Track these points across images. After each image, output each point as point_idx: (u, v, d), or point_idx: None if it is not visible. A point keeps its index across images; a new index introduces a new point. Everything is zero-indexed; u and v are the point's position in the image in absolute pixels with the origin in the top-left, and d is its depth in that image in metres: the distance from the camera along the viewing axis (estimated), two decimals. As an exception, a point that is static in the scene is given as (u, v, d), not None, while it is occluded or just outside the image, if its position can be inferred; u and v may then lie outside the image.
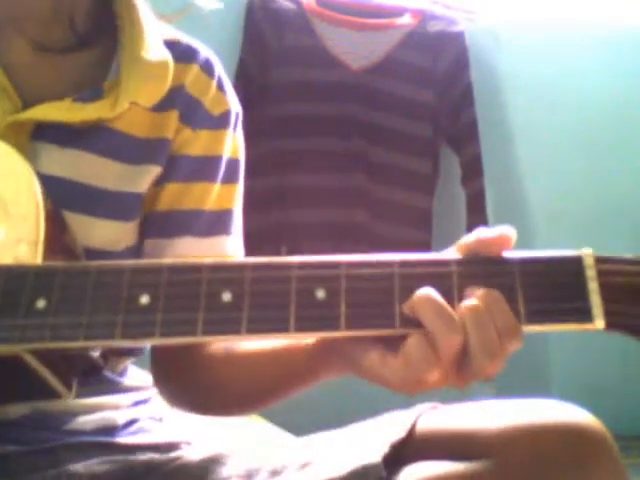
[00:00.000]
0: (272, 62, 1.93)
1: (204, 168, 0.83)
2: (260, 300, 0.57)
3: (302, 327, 0.56)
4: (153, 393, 0.87)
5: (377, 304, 0.57)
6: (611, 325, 0.55)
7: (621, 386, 1.58)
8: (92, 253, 0.74)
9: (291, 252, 1.84)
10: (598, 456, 0.61)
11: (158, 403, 0.88)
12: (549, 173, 2.08)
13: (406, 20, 1.99)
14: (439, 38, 1.98)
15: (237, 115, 0.87)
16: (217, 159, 0.85)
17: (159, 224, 0.82)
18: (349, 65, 1.95)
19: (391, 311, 0.56)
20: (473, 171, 1.95)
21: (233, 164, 0.86)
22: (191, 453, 0.79)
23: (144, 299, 0.57)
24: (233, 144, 0.86)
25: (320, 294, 0.57)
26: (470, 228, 1.93)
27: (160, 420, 0.87)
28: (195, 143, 0.83)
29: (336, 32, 1.96)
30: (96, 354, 0.79)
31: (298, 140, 1.92)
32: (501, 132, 2.08)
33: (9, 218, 0.64)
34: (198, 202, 0.83)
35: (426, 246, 1.94)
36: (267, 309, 0.57)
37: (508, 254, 0.58)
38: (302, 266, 0.58)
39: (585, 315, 0.55)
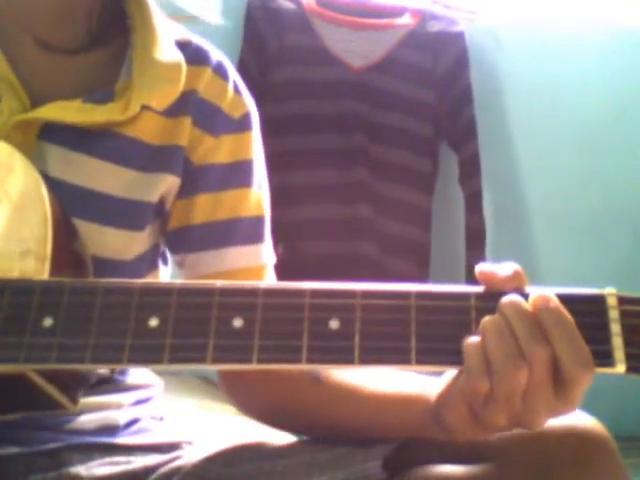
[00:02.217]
0: (272, 62, 1.93)
1: (234, 174, 0.81)
2: (272, 328, 0.55)
3: (314, 359, 0.54)
4: (155, 392, 0.87)
5: (393, 337, 0.54)
6: (632, 370, 0.53)
7: (620, 387, 1.58)
8: (100, 262, 0.72)
9: (293, 250, 1.83)
10: (601, 460, 0.61)
11: (159, 402, 0.88)
12: (549, 173, 2.08)
13: (406, 20, 1.99)
14: (439, 38, 1.97)
15: (256, 117, 0.85)
16: (246, 163, 0.83)
17: (198, 237, 0.80)
18: (349, 64, 1.94)
19: (407, 345, 0.54)
20: (471, 170, 1.95)
21: (260, 167, 0.84)
22: (192, 453, 0.79)
23: (153, 322, 0.56)
24: (257, 146, 0.84)
25: (334, 324, 0.55)
26: (468, 227, 1.92)
27: (161, 419, 0.86)
28: (220, 150, 0.81)
29: (336, 32, 1.96)
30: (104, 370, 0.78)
31: (299, 138, 1.91)
32: (501, 132, 2.07)
33: (17, 226, 0.62)
34: (234, 210, 0.81)
35: (425, 244, 1.94)
36: (279, 338, 0.55)
37: (529, 290, 0.56)
38: (315, 294, 0.56)
39: (606, 359, 0.53)
